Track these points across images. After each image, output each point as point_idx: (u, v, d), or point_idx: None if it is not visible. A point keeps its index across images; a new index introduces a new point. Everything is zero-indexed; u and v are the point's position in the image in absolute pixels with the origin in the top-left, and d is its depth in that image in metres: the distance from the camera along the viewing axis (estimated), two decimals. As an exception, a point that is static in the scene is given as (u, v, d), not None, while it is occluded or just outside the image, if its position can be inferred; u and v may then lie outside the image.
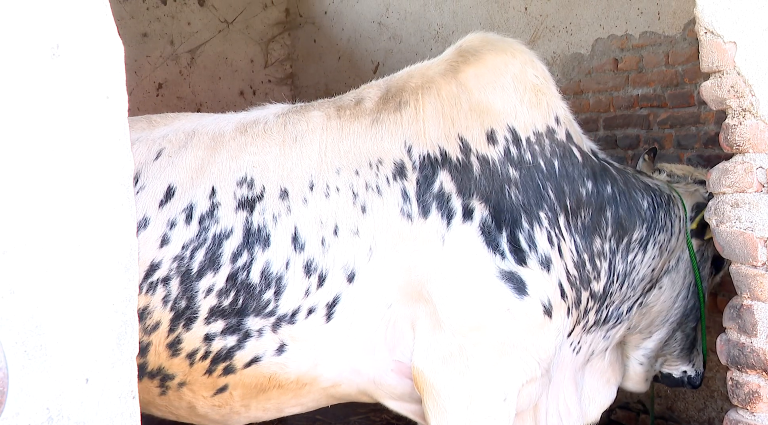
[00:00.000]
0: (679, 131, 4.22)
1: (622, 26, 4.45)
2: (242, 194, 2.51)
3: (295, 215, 2.49)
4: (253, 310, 2.47)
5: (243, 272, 2.46)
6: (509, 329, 2.48)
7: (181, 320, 2.48)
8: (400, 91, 2.66)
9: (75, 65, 1.40)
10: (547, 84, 2.71)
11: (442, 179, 2.53)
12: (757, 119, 2.28)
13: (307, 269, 2.47)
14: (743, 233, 2.34)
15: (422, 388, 2.52)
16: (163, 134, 2.67)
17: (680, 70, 4.19)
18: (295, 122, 2.64)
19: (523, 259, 2.50)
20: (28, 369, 1.32)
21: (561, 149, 2.66)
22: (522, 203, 2.54)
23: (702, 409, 4.17)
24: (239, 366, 2.52)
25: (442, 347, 2.49)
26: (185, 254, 2.47)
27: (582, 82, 4.65)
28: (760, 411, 2.35)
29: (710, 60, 2.37)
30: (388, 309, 2.52)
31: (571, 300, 2.60)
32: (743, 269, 2.36)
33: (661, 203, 2.82)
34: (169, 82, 6.24)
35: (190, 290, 2.46)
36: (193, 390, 2.58)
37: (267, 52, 6.64)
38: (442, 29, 5.51)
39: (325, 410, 5.11)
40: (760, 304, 2.32)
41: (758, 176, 2.30)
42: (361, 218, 2.50)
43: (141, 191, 2.52)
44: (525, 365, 2.53)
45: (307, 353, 2.54)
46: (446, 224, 2.49)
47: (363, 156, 2.56)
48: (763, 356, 2.31)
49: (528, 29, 4.95)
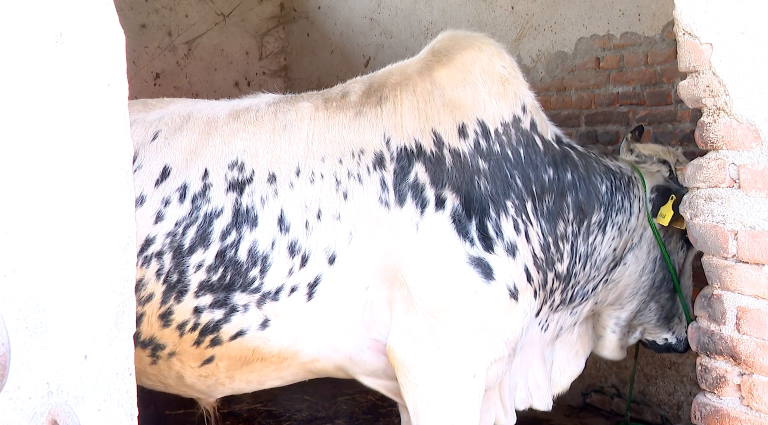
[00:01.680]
0: (657, 128, 4.25)
1: (604, 26, 4.46)
2: (233, 176, 2.58)
3: (282, 198, 2.56)
4: (239, 286, 2.54)
5: (231, 249, 2.53)
6: (477, 311, 2.56)
7: (172, 292, 2.54)
8: (382, 87, 2.75)
9: (78, 53, 1.39)
10: (515, 73, 2.79)
11: (417, 171, 2.61)
12: (731, 118, 2.30)
13: (291, 249, 2.55)
14: (715, 226, 2.37)
15: (396, 366, 2.60)
16: (159, 116, 2.72)
17: (659, 69, 4.22)
18: (285, 111, 2.71)
19: (491, 246, 2.58)
20: (29, 345, 1.33)
21: (525, 138, 2.74)
22: (490, 193, 2.62)
23: (672, 393, 4.22)
24: (225, 338, 2.58)
25: (415, 327, 2.56)
26: (178, 230, 2.53)
27: (565, 79, 4.67)
28: (726, 394, 2.38)
29: (687, 60, 2.39)
30: (365, 291, 2.59)
31: (538, 283, 2.68)
32: (714, 260, 2.39)
33: (619, 185, 2.90)
34: (167, 72, 6.21)
35: (181, 265, 2.53)
36: (182, 361, 2.64)
37: (262, 44, 6.62)
38: (432, 26, 5.51)
39: (313, 391, 5.14)
40: (729, 294, 2.35)
41: (730, 172, 2.32)
42: (343, 203, 2.57)
43: (138, 170, 2.58)
44: (493, 344, 2.60)
45: (289, 329, 2.60)
46: (420, 213, 2.58)
47: (346, 146, 2.64)
48: (731, 343, 2.35)
49: (514, 27, 4.96)
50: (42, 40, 1.36)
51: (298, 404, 4.94)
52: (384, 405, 4.86)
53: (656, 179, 3.04)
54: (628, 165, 3.04)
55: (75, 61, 1.40)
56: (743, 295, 2.31)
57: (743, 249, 2.29)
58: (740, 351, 2.32)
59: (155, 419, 4.33)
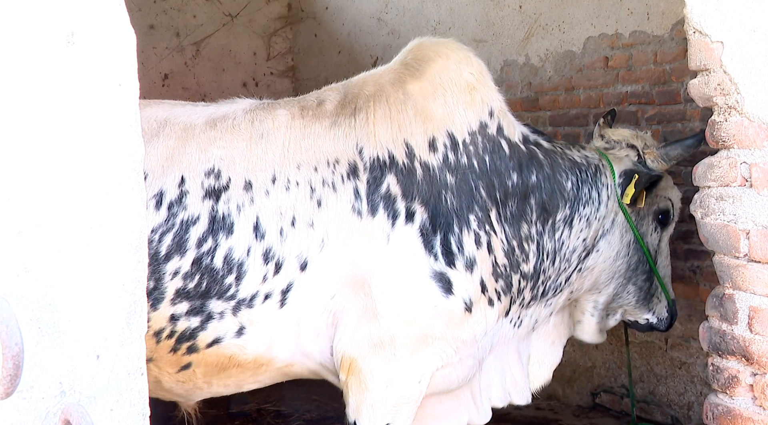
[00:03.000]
0: (666, 127, 4.23)
1: (612, 25, 4.45)
2: (209, 184, 2.59)
3: (258, 205, 2.59)
4: (215, 293, 2.56)
5: (207, 257, 2.55)
6: (434, 323, 2.65)
7: (149, 300, 2.50)
8: (356, 98, 2.80)
9: (89, 53, 1.39)
10: (483, 79, 2.85)
11: (389, 182, 2.67)
12: (742, 116, 2.28)
13: (266, 256, 2.57)
14: (727, 225, 2.35)
15: (347, 368, 2.68)
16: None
17: (668, 68, 4.20)
18: (261, 119, 2.73)
19: (452, 261, 2.66)
20: (42, 344, 1.33)
21: (491, 144, 2.80)
22: (455, 209, 2.69)
23: (682, 393, 4.20)
24: (202, 346, 2.61)
25: (375, 335, 2.63)
26: (154, 237, 2.53)
27: (573, 78, 4.66)
28: (738, 395, 2.37)
29: (698, 59, 2.37)
30: (331, 299, 2.64)
31: (496, 290, 2.76)
32: (726, 260, 2.37)
33: (586, 178, 2.97)
34: (175, 73, 6.22)
35: (157, 272, 2.53)
36: (159, 366, 2.65)
37: (269, 45, 6.62)
38: (440, 25, 5.50)
39: (322, 391, 5.13)
40: (741, 293, 2.34)
41: (742, 170, 2.31)
42: (317, 211, 2.61)
43: None
44: (442, 353, 2.70)
45: (264, 336, 2.63)
46: (391, 224, 2.63)
47: (322, 155, 2.68)
48: (743, 343, 2.33)
49: (522, 27, 4.95)
50: (53, 41, 1.36)
51: (306, 404, 4.93)
52: (392, 405, 4.86)
53: (624, 164, 3.08)
54: (596, 153, 3.09)
55: (86, 62, 1.40)
56: (755, 295, 2.29)
57: (755, 248, 2.28)
58: (753, 351, 2.30)
59: (164, 419, 4.33)
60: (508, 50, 5.00)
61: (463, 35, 5.31)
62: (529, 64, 4.90)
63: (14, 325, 1.20)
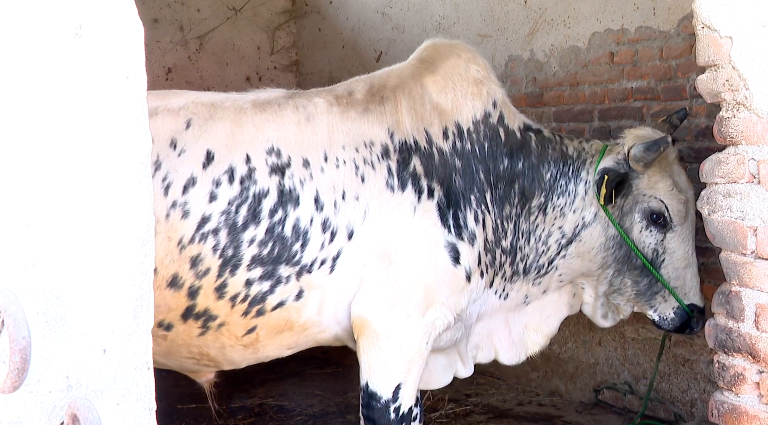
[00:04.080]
0: (671, 123, 4.21)
1: (618, 21, 4.43)
2: (272, 161, 2.89)
3: (316, 181, 2.91)
4: (284, 259, 2.85)
5: (279, 226, 2.84)
6: (441, 289, 2.98)
7: (227, 266, 2.80)
8: (383, 88, 3.16)
9: (97, 45, 1.39)
10: (487, 75, 3.24)
11: (415, 163, 3.03)
12: (751, 112, 2.27)
13: (324, 226, 2.89)
14: (734, 222, 2.34)
15: (361, 329, 2.95)
16: (181, 105, 2.95)
17: (674, 64, 4.18)
18: (304, 105, 3.05)
19: (460, 234, 3.02)
20: (49, 338, 1.32)
21: (491, 132, 3.17)
22: (462, 189, 3.07)
23: (685, 390, 4.20)
24: (269, 308, 2.87)
25: (392, 298, 2.93)
26: (231, 209, 2.81)
27: (578, 74, 4.64)
28: (744, 392, 2.36)
29: (706, 54, 2.36)
30: (363, 267, 2.94)
31: (486, 263, 3.11)
32: (733, 257, 2.37)
33: (566, 171, 3.24)
34: (179, 67, 6.21)
35: (236, 241, 2.80)
36: (229, 330, 2.88)
37: (273, 39, 6.60)
38: (444, 20, 5.48)
39: (324, 386, 5.14)
40: (748, 290, 2.33)
41: (750, 167, 2.30)
42: (361, 186, 2.95)
43: (182, 154, 2.84)
44: (445, 317, 3.02)
45: (316, 300, 2.92)
46: (417, 198, 2.99)
47: (359, 137, 3.01)
48: (749, 340, 2.33)
49: (527, 22, 4.93)
50: (61, 33, 1.35)
51: (309, 399, 4.94)
52: (395, 400, 4.86)
53: (606, 162, 3.24)
54: (595, 148, 3.30)
55: (94, 54, 1.39)
56: (762, 292, 2.29)
57: (763, 245, 2.27)
58: (759, 349, 2.30)
59: (167, 413, 4.34)
60: (512, 45, 4.99)
61: (468, 30, 5.30)
62: (534, 60, 4.89)
63: (22, 319, 1.19)
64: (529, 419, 4.53)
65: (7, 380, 1.18)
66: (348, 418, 4.62)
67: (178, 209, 2.78)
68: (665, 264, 3.25)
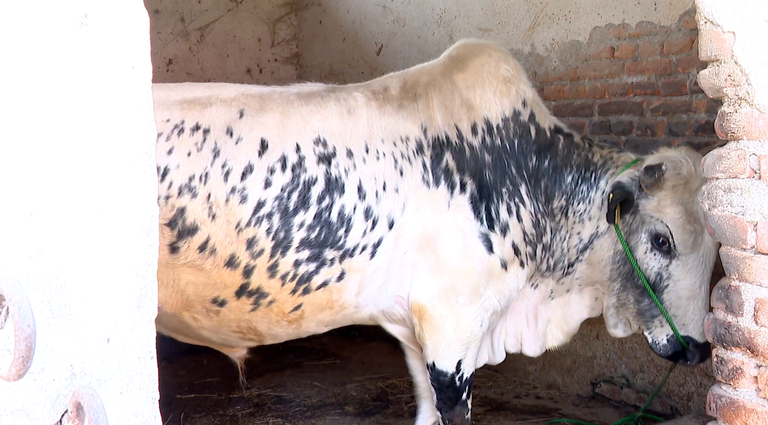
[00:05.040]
0: (671, 118, 4.21)
1: (619, 16, 4.42)
2: (320, 150, 3.06)
3: (359, 170, 3.08)
4: (330, 243, 3.04)
5: (326, 212, 3.03)
6: (481, 277, 3.18)
7: (279, 248, 3.00)
8: (415, 85, 3.29)
9: (102, 35, 1.38)
10: (518, 75, 3.34)
11: (447, 158, 3.17)
12: (752, 108, 2.27)
13: (366, 214, 3.07)
14: (734, 217, 2.34)
15: (420, 315, 3.20)
16: (232, 96, 3.11)
17: (674, 59, 4.17)
18: (345, 98, 3.21)
19: (492, 226, 3.18)
20: (53, 327, 1.32)
21: (522, 129, 3.28)
22: (493, 182, 3.20)
23: (682, 384, 4.21)
24: (314, 288, 3.07)
25: (440, 287, 3.16)
26: (284, 195, 2.99)
27: (579, 68, 4.63)
28: (742, 386, 2.37)
29: (709, 49, 2.35)
30: (403, 255, 3.13)
31: (525, 254, 3.25)
32: (733, 251, 2.37)
33: (588, 178, 3.31)
34: (179, 58, 6.19)
35: (287, 224, 2.99)
36: (278, 307, 3.09)
37: (274, 31, 6.58)
38: (445, 14, 5.46)
39: (322, 377, 5.14)
40: (747, 285, 2.33)
41: (751, 162, 2.29)
42: (400, 179, 3.12)
43: (239, 142, 3.00)
44: (490, 302, 3.23)
45: (356, 282, 3.12)
46: (450, 193, 3.15)
47: (396, 132, 3.17)
48: (748, 334, 2.33)
49: (528, 16, 4.92)
50: (67, 22, 1.34)
51: (307, 390, 4.94)
52: (393, 392, 4.86)
53: (624, 177, 3.26)
54: (624, 160, 3.32)
55: (99, 43, 1.38)
56: (762, 287, 2.29)
57: (763, 240, 2.27)
58: (758, 343, 2.30)
59: (166, 403, 4.34)
60: (513, 40, 4.97)
61: (469, 24, 5.28)
62: (535, 54, 4.87)
63: (27, 307, 1.19)
64: (526, 412, 4.54)
65: (11, 368, 1.18)
66: (346, 409, 4.63)
67: (236, 194, 2.94)
68: (668, 290, 3.21)
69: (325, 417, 4.49)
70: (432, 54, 5.60)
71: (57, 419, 1.33)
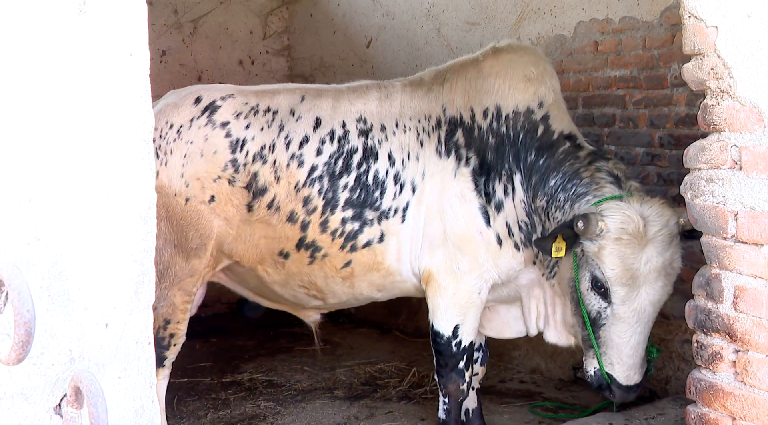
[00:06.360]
0: (653, 111, 4.22)
1: (603, 11, 4.41)
2: (360, 126, 3.56)
3: (390, 141, 3.53)
4: (369, 204, 3.46)
5: (364, 176, 3.47)
6: (480, 247, 3.41)
7: (328, 206, 3.46)
8: (446, 71, 3.65)
9: (100, 22, 1.35)
10: (541, 78, 3.50)
11: (458, 135, 3.50)
12: (734, 100, 2.27)
13: (395, 179, 3.47)
14: (716, 207, 2.35)
15: (427, 280, 3.49)
16: (296, 87, 3.74)
17: (656, 54, 4.18)
18: (385, 85, 3.69)
19: (489, 200, 3.41)
20: (52, 312, 1.30)
21: (530, 125, 3.45)
22: (493, 163, 3.44)
23: (661, 368, 4.23)
24: (359, 245, 3.48)
25: (445, 254, 3.43)
26: (331, 161, 3.49)
27: (564, 62, 4.62)
28: (721, 370, 2.38)
29: (692, 43, 2.35)
30: (423, 221, 3.43)
31: (521, 238, 3.41)
32: (714, 240, 2.37)
33: (569, 189, 3.29)
34: (172, 49, 6.12)
35: (334, 186, 3.47)
36: (331, 261, 3.50)
37: (266, 24, 6.52)
38: (433, 8, 5.43)
39: (312, 362, 5.13)
40: (727, 273, 2.34)
41: (732, 153, 2.30)
42: (420, 149, 3.50)
43: (299, 120, 3.55)
44: (488, 273, 3.44)
45: (394, 246, 3.47)
46: (458, 165, 3.45)
47: (422, 111, 3.57)
48: (728, 321, 2.34)
49: (515, 10, 4.90)
50: (65, 10, 1.32)
51: (298, 374, 4.93)
52: (381, 376, 4.87)
53: (590, 209, 3.12)
54: (602, 194, 3.17)
55: (97, 31, 1.35)
56: (741, 274, 2.30)
57: (743, 229, 2.28)
58: (736, 329, 2.31)
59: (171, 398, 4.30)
60: (500, 33, 4.95)
61: (457, 18, 5.26)
62: (521, 48, 4.86)
63: (26, 292, 1.17)
64: (510, 395, 4.56)
65: (11, 352, 1.16)
66: (335, 393, 4.62)
67: (295, 160, 3.48)
68: (605, 329, 3.14)
69: (315, 401, 4.48)
70: (420, 47, 5.59)
71: (56, 403, 1.31)
